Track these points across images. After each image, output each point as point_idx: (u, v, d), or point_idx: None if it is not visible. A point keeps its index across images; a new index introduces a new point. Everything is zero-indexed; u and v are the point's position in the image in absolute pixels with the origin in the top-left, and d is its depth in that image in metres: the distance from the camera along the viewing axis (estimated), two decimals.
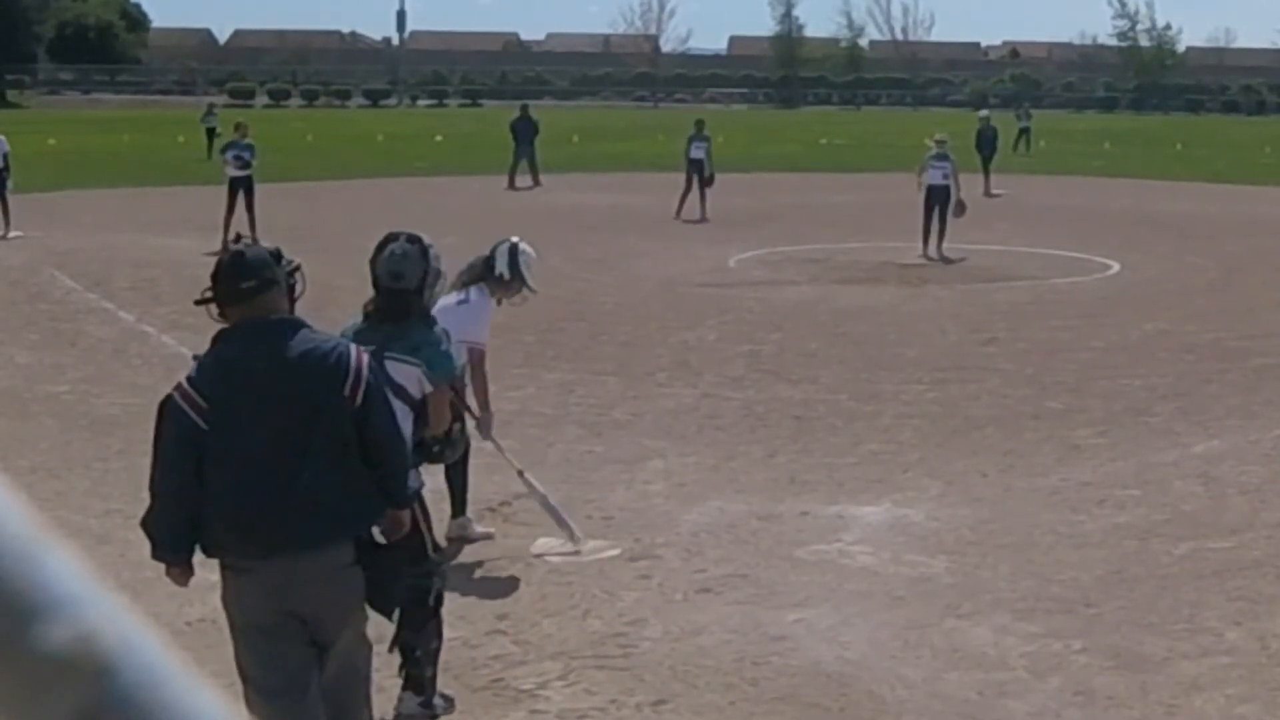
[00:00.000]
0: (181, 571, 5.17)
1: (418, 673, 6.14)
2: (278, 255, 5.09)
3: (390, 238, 6.42)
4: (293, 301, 5.10)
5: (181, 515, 4.98)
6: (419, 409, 6.08)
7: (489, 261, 8.43)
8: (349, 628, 5.18)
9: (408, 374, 6.07)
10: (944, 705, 6.32)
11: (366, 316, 6.32)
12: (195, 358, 5.23)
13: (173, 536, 5.04)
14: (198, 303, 5.11)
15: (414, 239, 6.38)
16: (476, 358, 8.05)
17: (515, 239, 8.63)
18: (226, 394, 4.91)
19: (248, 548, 4.95)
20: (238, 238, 5.29)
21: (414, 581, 5.87)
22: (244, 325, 4.95)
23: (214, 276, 5.03)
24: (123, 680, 0.61)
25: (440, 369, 6.18)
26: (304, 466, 4.87)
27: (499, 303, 8.43)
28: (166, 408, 5.03)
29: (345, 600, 5.09)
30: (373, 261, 6.39)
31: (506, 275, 8.39)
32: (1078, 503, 9.38)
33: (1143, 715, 6.27)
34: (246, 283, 4.92)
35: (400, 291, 6.24)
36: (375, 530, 5.21)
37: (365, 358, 5.08)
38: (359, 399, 4.93)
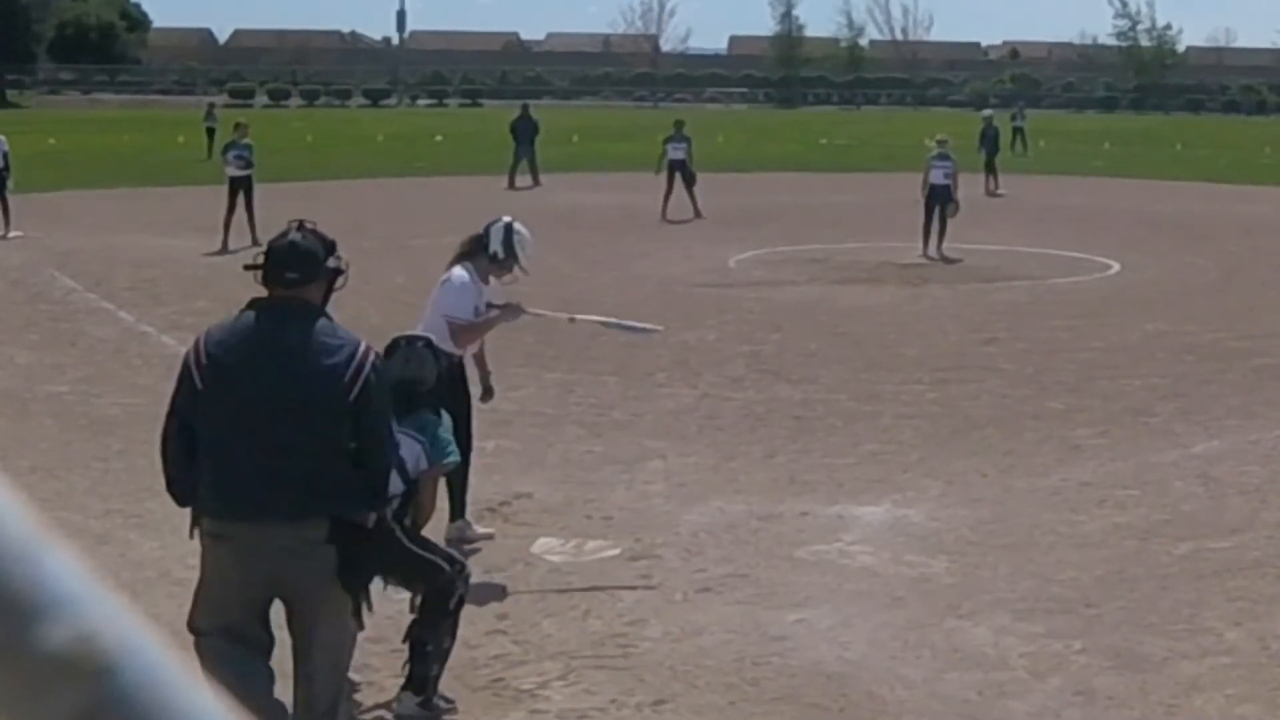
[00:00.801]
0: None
1: (422, 670, 6.14)
2: (331, 248, 5.36)
3: (396, 343, 6.67)
4: (330, 292, 5.35)
5: (186, 467, 5.20)
6: (412, 485, 6.23)
7: (481, 240, 8.47)
8: (328, 612, 5.24)
9: (410, 448, 6.22)
10: (944, 705, 6.32)
11: None
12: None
13: (183, 490, 5.27)
14: (247, 267, 5.40)
15: (420, 339, 6.70)
16: (454, 328, 8.22)
17: (509, 218, 8.70)
18: (231, 358, 5.14)
19: (227, 510, 5.13)
20: (300, 224, 5.40)
21: (436, 586, 6.05)
22: (272, 303, 5.22)
23: (267, 254, 5.31)
24: (123, 680, 0.61)
25: (441, 450, 6.34)
26: (291, 443, 5.04)
27: (488, 281, 8.46)
28: (184, 360, 5.33)
29: (316, 576, 5.16)
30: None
31: (501, 254, 8.45)
32: (1078, 503, 9.38)
33: (1143, 715, 6.28)
34: (291, 274, 5.22)
35: (416, 395, 6.45)
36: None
37: (371, 358, 5.22)
38: (353, 394, 5.07)
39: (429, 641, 6.12)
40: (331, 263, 5.32)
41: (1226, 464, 10.39)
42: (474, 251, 8.44)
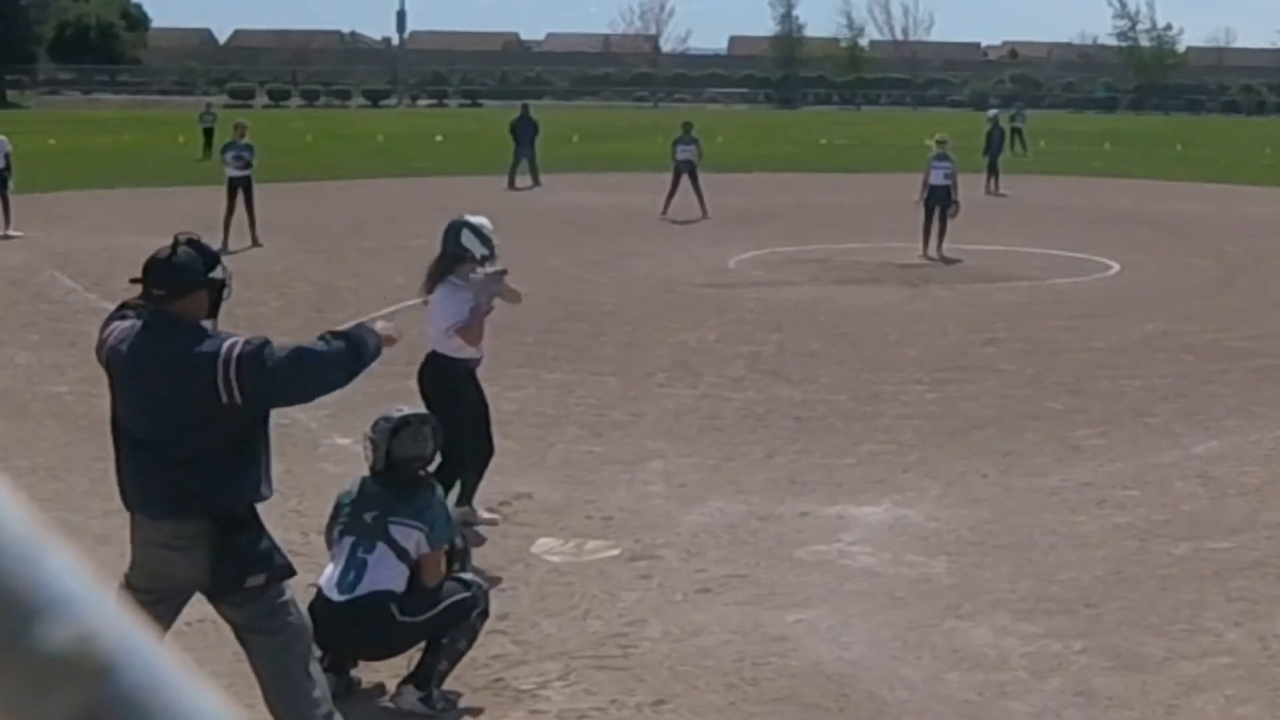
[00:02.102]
0: None
1: (432, 660, 6.18)
2: (213, 261, 5.46)
3: (404, 421, 6.57)
4: (217, 304, 5.46)
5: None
6: (415, 568, 6.30)
7: (458, 253, 8.48)
8: (239, 605, 5.38)
9: (408, 536, 6.27)
10: (944, 705, 6.32)
11: (365, 482, 6.50)
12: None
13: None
14: (132, 281, 5.58)
15: (426, 419, 6.64)
16: (464, 333, 8.36)
17: (465, 217, 8.70)
18: (117, 367, 5.45)
19: (124, 501, 5.48)
20: (179, 240, 5.51)
21: (458, 600, 6.21)
22: (149, 316, 5.44)
23: (144, 268, 5.47)
24: (123, 680, 0.61)
25: (441, 534, 6.35)
26: (163, 450, 5.25)
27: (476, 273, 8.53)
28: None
29: (193, 569, 5.31)
30: (388, 443, 6.47)
31: (487, 253, 8.52)
32: (1078, 503, 9.38)
33: (1143, 715, 6.27)
34: (158, 290, 5.38)
35: (411, 473, 6.46)
36: None
37: (238, 350, 5.25)
38: (238, 397, 5.19)
39: (445, 636, 6.17)
40: (215, 275, 5.44)
41: (1226, 464, 10.39)
42: (447, 268, 8.51)
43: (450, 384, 8.37)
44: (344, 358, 5.35)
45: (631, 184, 33.22)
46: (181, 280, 5.35)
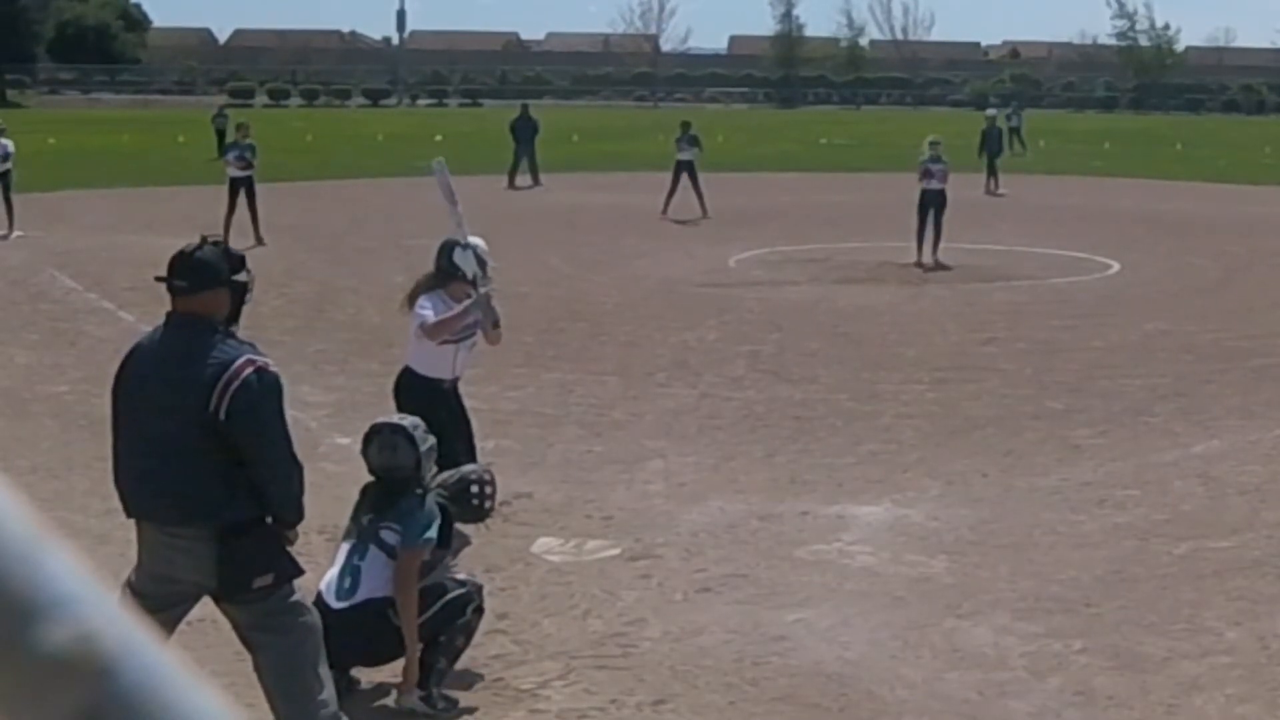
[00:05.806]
0: None
1: (431, 660, 6.20)
2: (237, 264, 5.50)
3: (374, 430, 6.55)
4: (239, 307, 5.48)
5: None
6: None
7: (450, 271, 8.46)
8: (247, 605, 5.38)
9: (392, 538, 6.28)
10: (944, 705, 6.32)
11: (366, 486, 6.51)
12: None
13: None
14: (157, 279, 5.62)
15: (397, 429, 6.53)
16: (428, 327, 8.30)
17: (473, 240, 8.64)
18: (132, 373, 5.43)
19: (125, 507, 5.47)
20: (204, 239, 5.53)
21: (453, 598, 6.24)
22: (170, 318, 5.46)
23: (169, 261, 5.53)
24: (123, 681, 0.61)
25: (411, 532, 6.26)
26: (169, 454, 5.24)
27: (461, 300, 8.49)
28: None
29: (198, 570, 5.30)
30: (364, 452, 6.47)
31: (481, 273, 8.50)
32: (1078, 503, 9.38)
33: (1143, 715, 6.28)
34: (179, 282, 5.44)
35: (398, 480, 6.40)
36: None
37: (247, 373, 5.24)
38: (218, 407, 5.20)
39: (442, 633, 6.18)
40: (239, 277, 5.47)
41: (1226, 464, 10.39)
42: (439, 285, 8.50)
43: (423, 404, 8.23)
44: (293, 492, 5.39)
45: (631, 184, 33.21)
46: (204, 274, 5.38)
